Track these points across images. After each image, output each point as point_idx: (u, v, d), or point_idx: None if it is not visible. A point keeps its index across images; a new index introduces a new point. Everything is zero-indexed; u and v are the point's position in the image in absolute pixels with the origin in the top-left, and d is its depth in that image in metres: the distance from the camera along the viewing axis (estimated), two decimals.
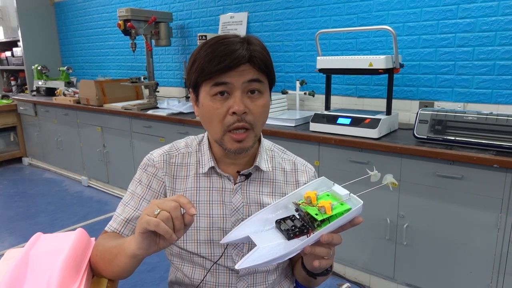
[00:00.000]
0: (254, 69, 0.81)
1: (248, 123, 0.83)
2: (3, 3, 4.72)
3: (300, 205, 0.73)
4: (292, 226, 0.72)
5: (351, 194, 0.73)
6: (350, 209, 0.70)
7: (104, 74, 4.33)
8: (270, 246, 0.71)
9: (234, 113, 0.81)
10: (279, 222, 0.74)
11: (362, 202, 0.70)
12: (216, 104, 0.82)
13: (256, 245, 0.71)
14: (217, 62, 0.79)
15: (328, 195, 0.75)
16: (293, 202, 0.75)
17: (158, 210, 0.67)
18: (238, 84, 0.80)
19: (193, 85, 0.86)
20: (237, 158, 0.91)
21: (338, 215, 0.70)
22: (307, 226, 0.71)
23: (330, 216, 0.70)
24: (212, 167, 0.91)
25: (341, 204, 0.71)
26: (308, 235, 0.71)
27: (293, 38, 2.78)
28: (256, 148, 0.94)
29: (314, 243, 0.70)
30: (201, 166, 0.92)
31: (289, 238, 0.71)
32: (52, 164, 4.47)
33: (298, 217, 0.74)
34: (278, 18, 2.83)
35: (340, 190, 0.75)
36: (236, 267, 0.67)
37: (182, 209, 0.69)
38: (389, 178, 0.76)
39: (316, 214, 0.70)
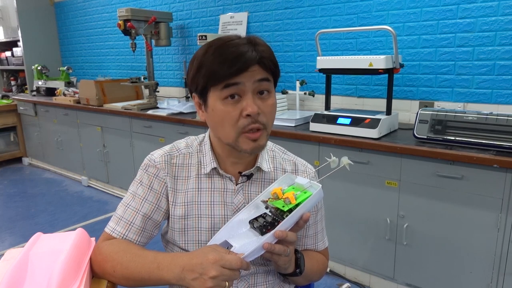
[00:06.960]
0: (263, 69, 0.82)
1: (261, 123, 0.83)
2: (3, 3, 4.72)
3: (268, 201, 0.80)
4: (264, 222, 0.78)
5: (311, 181, 0.82)
6: (311, 194, 0.78)
7: (104, 74, 4.33)
8: (245, 244, 0.76)
9: (248, 115, 0.81)
10: (252, 222, 0.80)
11: (320, 185, 0.79)
12: (228, 107, 0.81)
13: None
14: (228, 66, 0.78)
15: (293, 188, 0.83)
16: (261, 201, 0.82)
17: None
18: (249, 84, 0.80)
19: (200, 90, 0.84)
20: (242, 157, 0.91)
21: (302, 202, 0.77)
22: (277, 219, 0.77)
23: (296, 205, 0.77)
24: (214, 168, 0.91)
25: (304, 192, 0.80)
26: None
27: (293, 38, 2.78)
28: None
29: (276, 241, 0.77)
30: (202, 166, 0.92)
31: (262, 233, 0.77)
32: (52, 164, 4.47)
33: (269, 213, 0.80)
34: (278, 18, 2.83)
35: (301, 180, 0.84)
36: None
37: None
38: (344, 161, 0.85)
39: (283, 206, 0.77)
